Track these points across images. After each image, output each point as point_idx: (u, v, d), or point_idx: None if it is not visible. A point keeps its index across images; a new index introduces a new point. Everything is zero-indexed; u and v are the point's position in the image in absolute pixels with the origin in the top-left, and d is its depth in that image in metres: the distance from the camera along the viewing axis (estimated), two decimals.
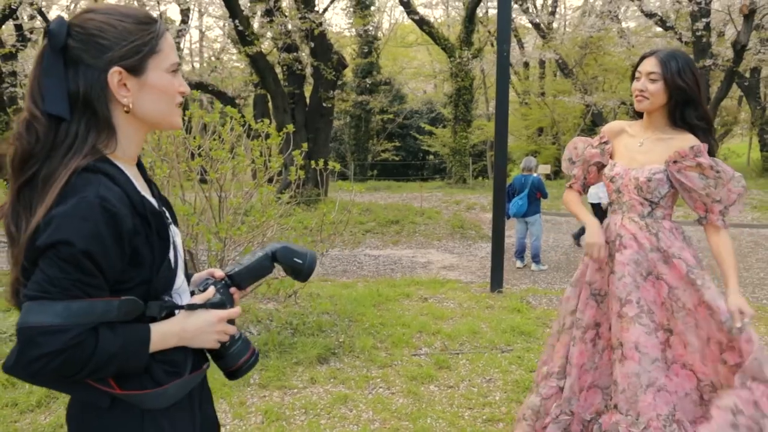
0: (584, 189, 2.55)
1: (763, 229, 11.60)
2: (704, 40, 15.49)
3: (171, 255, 1.19)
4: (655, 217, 2.24)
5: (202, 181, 4.59)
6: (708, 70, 15.63)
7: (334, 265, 8.47)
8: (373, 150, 27.06)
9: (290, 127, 4.98)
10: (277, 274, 4.55)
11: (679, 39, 16.19)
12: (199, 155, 4.42)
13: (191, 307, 1.21)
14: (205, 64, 22.39)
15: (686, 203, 2.24)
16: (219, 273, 1.33)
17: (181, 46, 19.71)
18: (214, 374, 4.20)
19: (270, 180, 4.78)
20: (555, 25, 23.69)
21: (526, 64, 25.91)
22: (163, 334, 1.15)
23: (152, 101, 1.17)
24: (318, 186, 11.38)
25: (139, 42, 1.13)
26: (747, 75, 18.86)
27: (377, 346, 4.38)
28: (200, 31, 24.61)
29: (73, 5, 18.65)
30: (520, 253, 8.28)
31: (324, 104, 14.08)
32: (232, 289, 1.32)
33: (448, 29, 26.22)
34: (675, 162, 2.17)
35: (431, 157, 27.40)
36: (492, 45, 20.90)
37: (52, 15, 16.16)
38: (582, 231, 9.05)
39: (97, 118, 1.12)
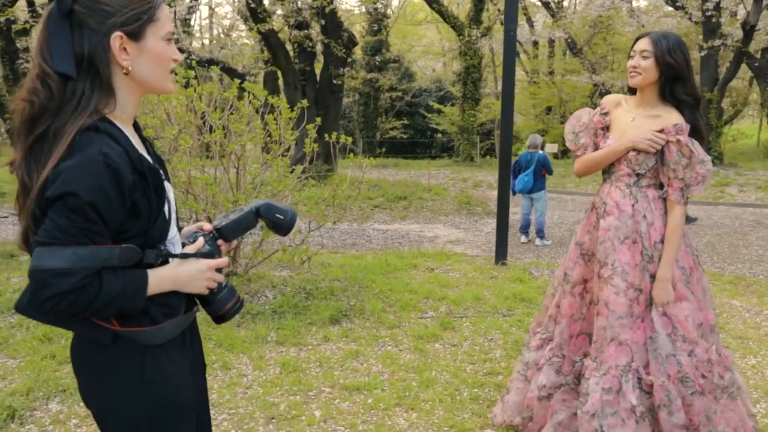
0: None
1: (765, 209, 11.76)
2: (714, 20, 15.45)
3: (165, 208, 1.30)
4: (640, 186, 2.47)
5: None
6: (717, 51, 15.61)
7: (343, 238, 8.74)
8: (381, 128, 27.19)
9: (304, 102, 5.21)
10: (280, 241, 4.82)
11: (689, 18, 16.15)
12: (217, 128, 4.66)
13: (184, 256, 1.33)
14: (214, 41, 22.48)
15: (660, 175, 2.44)
16: (207, 226, 1.44)
17: (192, 22, 19.82)
18: (234, 332, 4.46)
19: (283, 154, 5.02)
20: (565, 3, 23.61)
21: (536, 43, 25.84)
22: (159, 279, 1.27)
23: (149, 65, 1.27)
24: (328, 162, 11.63)
25: (139, 10, 1.24)
26: (758, 56, 18.79)
27: (386, 309, 4.65)
28: (210, 7, 24.65)
29: None
30: (524, 229, 8.50)
31: (334, 81, 14.25)
32: (219, 241, 1.43)
33: (458, 7, 26.15)
34: None
35: (439, 135, 27.50)
36: (501, 23, 20.84)
37: None
38: None
39: (100, 79, 1.22)
